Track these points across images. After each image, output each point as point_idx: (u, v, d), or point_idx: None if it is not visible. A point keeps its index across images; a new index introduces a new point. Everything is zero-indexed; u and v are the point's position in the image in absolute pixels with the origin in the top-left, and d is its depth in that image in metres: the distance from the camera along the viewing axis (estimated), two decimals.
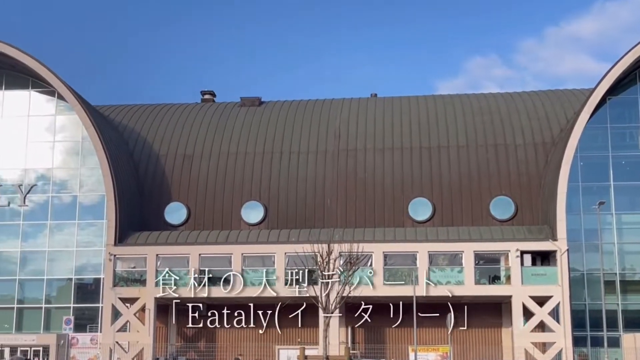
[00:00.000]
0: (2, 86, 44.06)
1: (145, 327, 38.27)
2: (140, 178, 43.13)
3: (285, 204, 42.03)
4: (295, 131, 44.73)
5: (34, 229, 42.37)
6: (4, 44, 41.26)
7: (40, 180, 42.91)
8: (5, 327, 41.31)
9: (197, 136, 44.67)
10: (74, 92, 41.37)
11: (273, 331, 40.00)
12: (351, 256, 34.93)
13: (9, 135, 43.46)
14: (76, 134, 43.08)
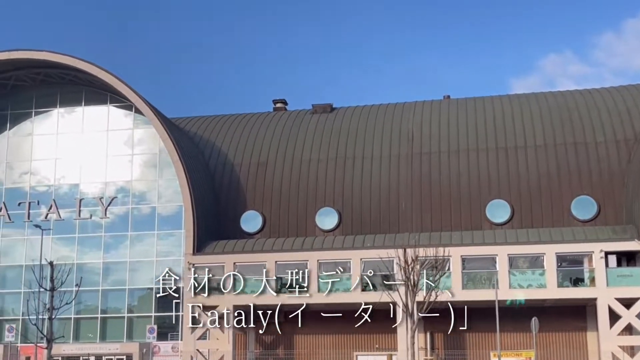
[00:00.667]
0: (82, 102, 45.46)
1: (224, 335, 38.64)
2: (215, 187, 43.70)
3: (359, 209, 41.81)
4: (368, 136, 44.51)
5: (115, 241, 43.46)
6: (83, 62, 42.56)
7: (120, 193, 44.01)
8: (90, 336, 42.48)
9: (271, 144, 44.99)
10: (150, 106, 42.28)
11: (350, 337, 39.79)
12: (437, 260, 34.41)
13: (90, 149, 44.76)
14: (153, 147, 44.02)
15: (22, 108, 45.84)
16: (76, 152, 44.84)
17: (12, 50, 43.25)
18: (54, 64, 43.61)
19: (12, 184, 45.11)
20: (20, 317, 42.54)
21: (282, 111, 49.44)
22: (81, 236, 43.64)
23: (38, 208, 44.15)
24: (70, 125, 45.37)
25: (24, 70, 44.55)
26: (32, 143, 45.49)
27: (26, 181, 45.06)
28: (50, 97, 45.68)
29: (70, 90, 45.49)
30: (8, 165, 45.45)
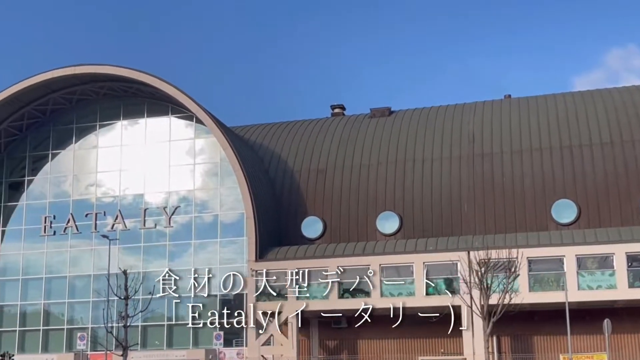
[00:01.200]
0: (144, 114, 46.36)
1: (288, 341, 38.71)
2: (276, 194, 43.94)
3: (421, 213, 41.42)
4: (428, 138, 44.10)
5: (179, 249, 44.08)
6: (145, 74, 43.37)
7: (183, 202, 44.64)
8: (157, 343, 43.15)
9: (330, 150, 45.01)
10: (211, 116, 42.80)
11: (414, 342, 39.40)
12: (510, 262, 33.76)
13: (153, 160, 45.57)
14: (214, 156, 44.53)
15: (86, 121, 47.05)
16: (140, 163, 45.71)
17: (76, 66, 44.41)
18: (117, 78, 44.61)
19: (79, 196, 46.27)
20: (89, 325, 43.61)
21: (340, 116, 49.45)
22: (146, 245, 44.44)
23: (104, 219, 45.16)
24: (134, 136, 46.31)
25: (88, 84, 45.71)
26: (97, 155, 46.59)
27: (92, 193, 46.16)
28: (114, 110, 46.74)
29: (132, 103, 46.47)
30: (75, 178, 46.65)
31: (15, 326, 45.30)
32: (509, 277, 33.74)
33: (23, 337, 45.24)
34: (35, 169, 47.34)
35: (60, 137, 47.24)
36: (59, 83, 45.16)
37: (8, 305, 45.71)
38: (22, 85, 44.61)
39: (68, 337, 44.23)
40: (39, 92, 45.58)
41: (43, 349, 44.60)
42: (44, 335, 44.90)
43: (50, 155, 47.17)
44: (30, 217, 46.48)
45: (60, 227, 45.59)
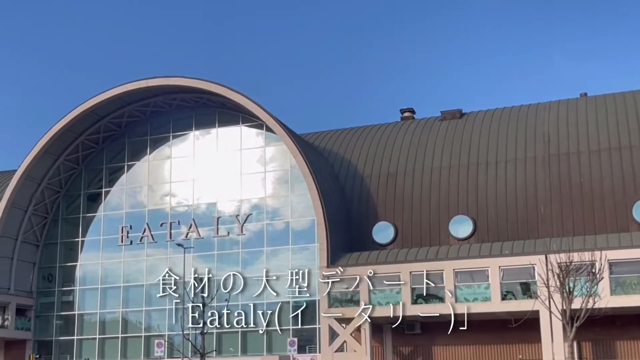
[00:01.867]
0: (215, 124, 46.98)
1: (361, 347, 38.32)
2: (346, 200, 43.71)
3: (495, 216, 40.43)
4: (501, 139, 43.09)
5: (252, 256, 44.37)
6: (216, 84, 43.96)
7: (255, 210, 44.95)
8: (231, 350, 43.47)
9: (400, 154, 44.52)
10: (281, 124, 42.99)
11: (491, 348, 38.32)
12: (593, 265, 32.56)
13: (225, 169, 46.10)
14: (285, 163, 44.70)
15: (160, 133, 48.00)
16: (212, 172, 46.31)
17: (149, 79, 45.40)
18: (188, 89, 45.40)
19: (154, 205, 47.19)
20: (166, 332, 44.31)
21: (410, 120, 48.91)
22: (220, 253, 44.91)
23: (179, 228, 45.90)
24: (206, 146, 46.99)
25: (161, 96, 46.66)
26: (171, 166, 47.46)
27: (167, 202, 47.02)
28: (186, 121, 47.55)
29: (204, 113, 47.18)
30: (150, 188, 47.64)
31: (95, 334, 46.52)
32: (592, 281, 32.43)
33: (102, 345, 46.42)
34: (112, 180, 48.60)
35: (135, 149, 48.39)
36: (132, 96, 46.26)
37: (88, 313, 46.97)
38: (98, 100, 45.88)
39: (146, 344, 45.10)
40: (113, 105, 46.80)
41: (122, 356, 45.63)
42: (123, 342, 45.94)
43: (126, 167, 48.35)
44: (107, 227, 47.72)
45: (137, 237, 46.60)
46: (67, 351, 46.86)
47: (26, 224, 47.66)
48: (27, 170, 46.55)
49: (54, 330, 47.42)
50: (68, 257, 48.32)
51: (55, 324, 47.49)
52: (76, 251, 48.25)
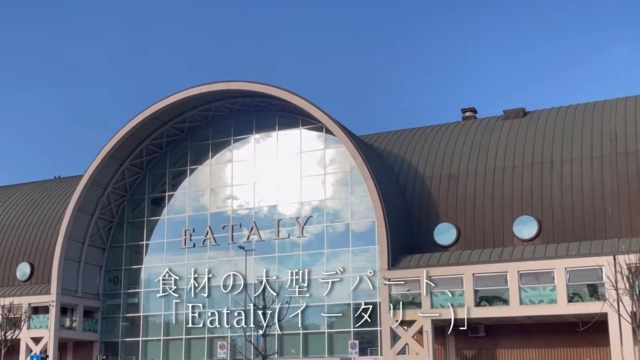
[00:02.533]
0: (275, 127, 47.22)
1: (424, 350, 37.80)
2: (407, 201, 43.27)
3: (561, 216, 39.37)
4: (566, 138, 42.00)
5: (312, 258, 44.35)
6: (276, 88, 44.14)
7: (315, 212, 44.94)
8: (292, 352, 43.49)
9: (461, 154, 43.85)
10: (340, 126, 42.89)
11: (557, 351, 37.32)
12: None
13: (285, 172, 46.26)
14: (345, 165, 44.59)
15: (221, 137, 48.51)
16: (272, 175, 46.55)
17: (210, 83, 45.92)
18: (249, 93, 45.73)
19: (217, 208, 47.69)
20: (228, 334, 44.65)
21: (471, 120, 48.15)
22: (280, 255, 45.07)
23: (240, 230, 46.25)
24: (266, 149, 47.27)
25: (222, 100, 47.15)
26: (232, 169, 47.88)
27: (229, 205, 47.45)
28: (247, 124, 47.92)
29: (264, 117, 47.47)
30: (212, 192, 48.18)
31: (159, 335, 47.21)
32: None
33: (167, 346, 47.08)
34: (175, 184, 49.34)
35: (198, 153, 49.01)
36: (194, 101, 46.88)
37: (153, 315, 47.70)
38: (161, 105, 46.63)
39: (209, 345, 45.52)
40: (176, 110, 47.51)
41: (186, 357, 46.18)
42: (187, 344, 46.48)
43: (189, 171, 49.01)
44: (171, 230, 48.45)
45: (200, 240, 47.17)
46: (133, 352, 47.71)
47: (93, 227, 48.77)
48: (93, 175, 47.63)
49: (120, 331, 48.37)
50: (133, 260, 49.26)
51: (121, 326, 48.44)
52: (141, 254, 49.14)
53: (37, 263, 49.75)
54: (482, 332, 38.73)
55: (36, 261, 49.86)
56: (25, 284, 49.40)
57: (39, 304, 47.06)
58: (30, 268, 49.82)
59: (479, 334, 38.78)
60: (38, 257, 49.87)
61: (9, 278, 50.35)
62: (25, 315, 45.67)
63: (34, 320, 46.92)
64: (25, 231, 51.61)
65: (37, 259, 49.86)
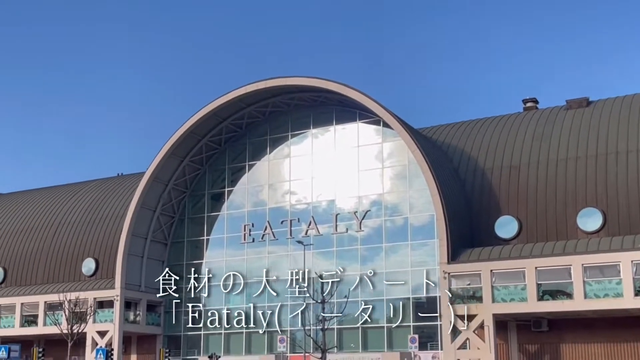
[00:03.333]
0: (332, 122, 47.15)
1: (485, 344, 37.18)
2: (467, 194, 42.64)
3: (627, 208, 38.18)
4: (632, 127, 40.71)
5: (371, 253, 44.13)
6: (333, 82, 44.04)
7: (373, 206, 44.69)
8: (352, 346, 43.36)
9: (523, 146, 42.95)
10: (398, 119, 42.56)
11: (624, 346, 36.22)
12: None
13: (343, 166, 46.16)
14: (402, 159, 44.23)
15: (279, 132, 48.71)
16: (330, 169, 46.50)
17: (267, 79, 46.14)
18: (306, 88, 45.79)
19: (275, 204, 47.93)
20: (288, 328, 44.84)
21: (533, 110, 47.11)
22: (339, 250, 44.99)
23: (299, 225, 46.35)
24: (324, 144, 47.25)
25: (280, 96, 47.33)
26: (290, 164, 48.02)
27: (287, 201, 47.61)
28: (304, 120, 48.00)
29: (321, 111, 47.47)
30: (270, 187, 48.42)
31: (220, 329, 47.71)
32: None
33: (228, 339, 47.54)
34: (234, 180, 49.77)
35: (256, 149, 49.34)
36: (252, 97, 47.16)
37: (214, 309, 48.23)
38: (219, 102, 47.07)
39: (269, 339, 45.81)
40: (234, 107, 47.89)
41: (246, 351, 46.57)
42: (247, 337, 46.89)
43: (247, 167, 49.38)
44: (231, 225, 48.92)
45: (259, 235, 47.49)
46: (195, 346, 48.35)
47: (155, 223, 49.61)
48: (154, 172, 48.39)
49: (182, 325, 49.06)
50: (194, 255, 49.90)
51: (182, 320, 49.13)
52: (202, 249, 49.76)
53: (101, 258, 50.88)
54: (545, 327, 37.93)
55: (101, 257, 51.00)
56: (90, 279, 50.59)
57: (104, 298, 48.13)
58: (95, 263, 50.96)
59: (542, 328, 37.99)
60: (103, 252, 50.99)
61: (75, 273, 51.62)
62: (90, 309, 46.69)
63: (99, 314, 47.96)
64: (90, 228, 52.83)
65: (102, 254, 50.98)
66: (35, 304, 50.11)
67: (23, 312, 50.64)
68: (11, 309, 51.12)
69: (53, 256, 53.09)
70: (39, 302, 49.92)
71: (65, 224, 54.26)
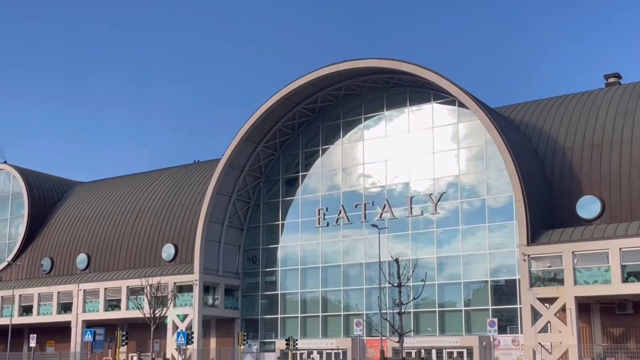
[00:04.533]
0: (406, 103, 46.51)
1: (567, 328, 36.06)
2: (546, 174, 41.36)
3: None
4: None
5: (447, 235, 43.45)
6: (407, 63, 43.38)
7: (449, 188, 43.93)
8: (429, 329, 42.84)
9: (605, 123, 41.29)
10: (474, 98, 41.60)
11: None
12: None
13: (417, 148, 45.51)
14: (479, 139, 43.30)
15: (352, 115, 48.42)
16: (404, 151, 45.94)
17: (339, 63, 45.81)
18: (379, 70, 45.28)
19: (349, 187, 47.74)
20: (363, 312, 44.64)
21: (615, 86, 45.23)
22: (414, 233, 44.45)
23: (373, 208, 46.03)
24: (397, 126, 46.70)
25: (352, 79, 46.97)
26: (364, 147, 47.68)
27: (360, 184, 47.33)
28: (377, 102, 47.54)
29: (395, 93, 46.91)
30: (344, 171, 48.22)
31: (297, 313, 47.95)
32: None
33: (304, 323, 47.75)
34: (308, 164, 49.82)
35: (329, 133, 49.20)
36: (324, 81, 46.97)
37: (290, 293, 48.49)
38: (292, 87, 47.08)
39: (345, 323, 45.76)
40: (307, 91, 47.82)
41: (323, 334, 46.65)
42: (323, 321, 46.96)
43: (321, 151, 49.32)
44: (305, 210, 49.04)
45: (333, 219, 47.42)
46: (272, 329, 48.79)
47: (231, 209, 50.17)
48: (230, 158, 48.87)
49: (259, 309, 49.56)
50: (270, 240, 50.28)
51: (260, 303, 49.63)
52: (277, 234, 50.07)
53: (180, 244, 51.80)
54: (630, 309, 36.57)
55: (179, 242, 51.92)
56: (170, 264, 51.62)
57: (184, 283, 49.02)
58: (174, 249, 51.93)
59: (626, 311, 36.64)
60: (181, 238, 51.90)
61: (155, 259, 52.76)
62: (171, 294, 47.64)
63: (179, 298, 48.89)
64: (169, 214, 53.85)
65: (181, 240, 51.90)
66: (118, 289, 51.50)
67: (107, 296, 52.13)
68: (95, 293, 52.71)
69: (134, 242, 54.40)
70: (121, 287, 51.29)
71: (145, 210, 55.50)
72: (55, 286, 54.67)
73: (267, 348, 48.21)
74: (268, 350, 48.02)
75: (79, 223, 58.72)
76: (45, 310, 54.61)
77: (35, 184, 62.57)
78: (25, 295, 55.64)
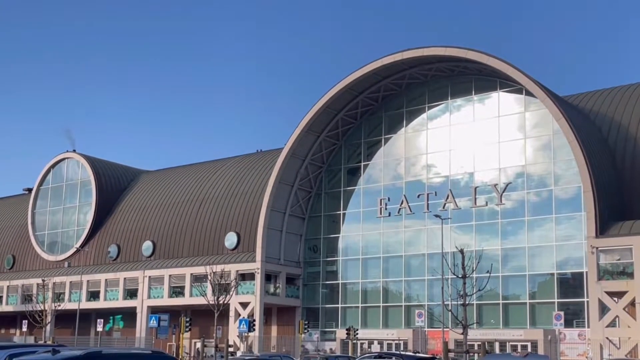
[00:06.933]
0: (471, 92, 45.67)
1: (636, 323, 34.89)
2: (617, 164, 40.08)
3: None
4: None
5: (513, 226, 42.52)
6: (472, 51, 42.58)
7: (515, 178, 42.98)
8: (492, 322, 42.02)
9: None
10: (541, 86, 40.58)
11: None
12: None
13: (482, 137, 44.65)
14: (546, 129, 42.22)
15: (415, 104, 47.84)
16: (469, 141, 45.13)
17: (403, 51, 45.25)
18: (443, 58, 44.55)
19: (411, 177, 47.21)
20: (425, 303, 44.11)
21: None
22: (478, 224, 43.66)
23: (436, 199, 45.40)
24: (462, 115, 45.92)
25: (416, 68, 46.37)
26: (427, 137, 47.06)
27: (423, 174, 46.74)
28: (442, 90, 46.84)
29: (459, 82, 46.12)
30: (407, 161, 47.70)
31: (357, 302, 47.76)
32: None
33: (365, 313, 47.52)
34: (370, 154, 49.47)
35: (392, 122, 48.74)
36: (388, 70, 46.51)
37: (351, 283, 48.33)
38: (355, 76, 46.75)
39: (406, 313, 45.32)
40: (370, 80, 47.44)
41: (383, 325, 46.32)
42: (384, 311, 46.62)
43: (383, 140, 48.90)
44: (367, 200, 48.73)
45: (395, 209, 46.98)
46: (333, 318, 48.71)
47: (292, 198, 50.24)
48: (292, 148, 48.92)
49: (320, 298, 49.55)
50: (331, 229, 50.17)
51: (320, 293, 49.62)
52: (338, 223, 49.92)
53: (242, 232, 52.17)
54: None
55: (242, 231, 52.29)
56: (233, 252, 52.03)
57: (246, 271, 49.33)
58: (237, 237, 52.34)
59: None
60: (244, 227, 52.27)
61: (218, 247, 53.30)
62: (234, 282, 48.02)
63: (241, 286, 49.23)
64: (232, 202, 54.31)
65: (243, 228, 52.27)
66: (182, 276, 52.19)
67: (171, 283, 52.92)
68: (160, 280, 53.57)
69: (198, 230, 55.07)
70: (185, 274, 51.96)
71: (209, 199, 56.10)
72: (121, 272, 55.84)
73: (328, 337, 48.16)
74: (329, 339, 47.97)
75: (145, 211, 59.78)
76: (112, 296, 55.81)
77: (103, 173, 63.96)
78: (92, 280, 56.99)
